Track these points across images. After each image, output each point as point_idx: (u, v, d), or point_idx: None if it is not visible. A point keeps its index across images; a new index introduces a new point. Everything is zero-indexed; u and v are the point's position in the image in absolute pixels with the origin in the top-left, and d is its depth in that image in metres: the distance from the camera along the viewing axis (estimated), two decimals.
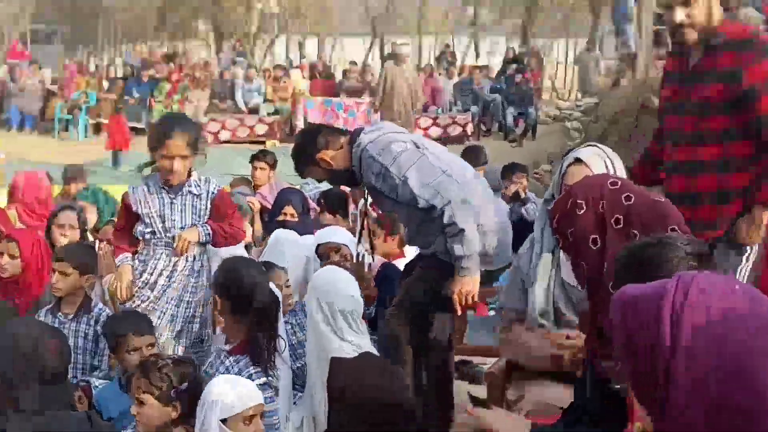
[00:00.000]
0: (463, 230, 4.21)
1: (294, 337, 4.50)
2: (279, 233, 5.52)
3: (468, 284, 4.31)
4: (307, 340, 4.02)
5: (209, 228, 4.52)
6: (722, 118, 4.01)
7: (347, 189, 7.03)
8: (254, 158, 8.33)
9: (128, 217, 4.61)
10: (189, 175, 4.54)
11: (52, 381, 3.55)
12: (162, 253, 4.53)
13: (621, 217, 2.63)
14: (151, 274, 4.51)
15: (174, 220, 4.52)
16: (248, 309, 3.79)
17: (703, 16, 4.02)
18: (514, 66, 21.81)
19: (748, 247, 4.02)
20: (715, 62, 4.01)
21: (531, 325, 3.60)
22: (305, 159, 4.68)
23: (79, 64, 24.27)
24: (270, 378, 3.73)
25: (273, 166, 8.32)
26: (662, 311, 1.72)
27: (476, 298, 4.39)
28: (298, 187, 8.11)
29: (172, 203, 4.54)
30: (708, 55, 4.04)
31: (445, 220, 4.23)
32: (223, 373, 3.63)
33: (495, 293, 5.48)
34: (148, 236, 4.55)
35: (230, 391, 3.28)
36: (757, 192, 3.98)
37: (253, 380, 3.59)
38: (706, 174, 4.04)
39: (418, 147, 4.41)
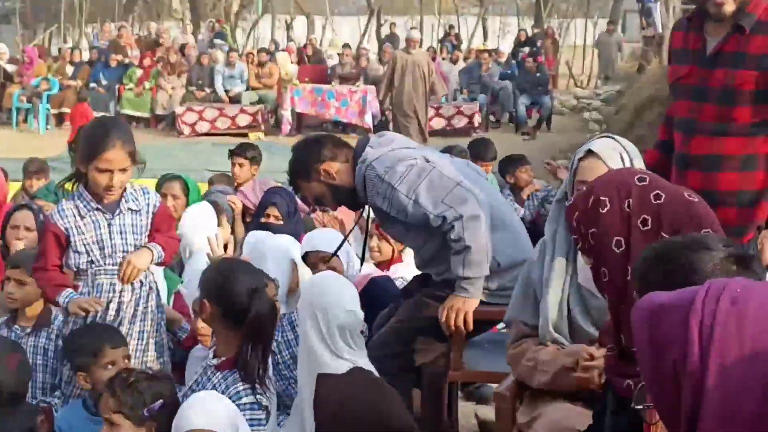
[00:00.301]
0: (469, 247, 4.25)
1: (279, 356, 4.50)
2: (256, 235, 5.49)
3: (459, 302, 4.37)
4: (299, 357, 3.98)
5: (159, 248, 4.34)
6: (750, 108, 3.97)
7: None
8: (233, 153, 8.31)
9: (57, 249, 4.31)
10: (123, 189, 4.33)
11: (10, 403, 3.55)
12: (104, 284, 4.31)
13: (649, 217, 2.63)
14: (96, 312, 4.27)
15: (115, 245, 4.30)
16: (244, 318, 3.68)
17: None
18: (526, 49, 21.83)
19: None
20: (745, 45, 3.96)
21: (543, 339, 3.58)
22: (305, 172, 4.65)
23: (40, 47, 24.24)
24: (260, 397, 3.65)
25: (255, 161, 8.31)
26: (691, 323, 1.70)
27: (469, 319, 4.41)
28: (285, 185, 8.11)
29: (110, 225, 4.30)
30: (735, 37, 3.99)
31: (453, 235, 4.26)
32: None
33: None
34: (84, 266, 4.31)
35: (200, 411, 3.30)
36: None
37: (240, 398, 3.57)
38: (727, 171, 3.97)
39: (428, 161, 4.42)
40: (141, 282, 4.35)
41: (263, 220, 6.68)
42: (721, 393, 1.65)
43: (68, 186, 4.41)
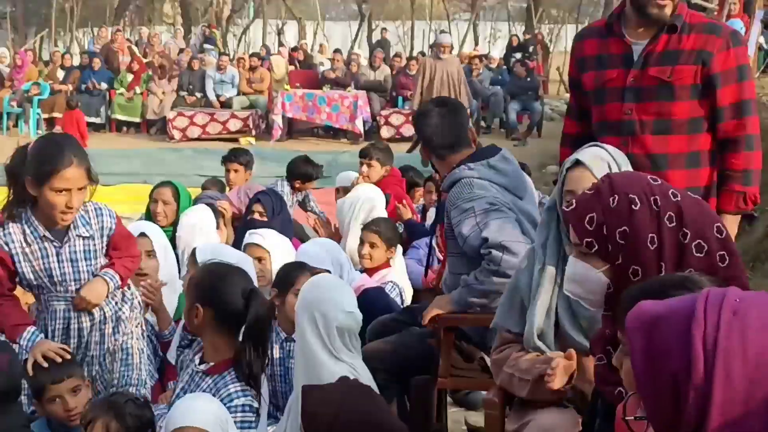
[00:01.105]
0: (496, 271, 4.30)
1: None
2: (208, 248, 5.32)
3: (443, 301, 4.52)
4: (296, 361, 3.97)
5: (116, 276, 4.16)
6: (689, 104, 4.12)
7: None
8: (227, 159, 8.32)
9: (6, 273, 4.10)
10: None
11: (3, 401, 3.54)
12: (58, 310, 4.17)
13: (673, 214, 2.65)
14: (53, 338, 4.13)
15: (65, 273, 4.11)
16: (237, 321, 3.62)
17: None
18: (518, 55, 21.84)
19: None
20: (679, 43, 4.13)
21: (527, 346, 3.58)
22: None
23: (32, 52, 24.19)
24: (252, 399, 3.60)
25: (249, 166, 8.32)
26: (694, 334, 1.66)
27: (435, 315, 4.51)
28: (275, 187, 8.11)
29: (58, 254, 4.08)
30: (665, 37, 4.14)
31: (490, 258, 4.33)
32: None
33: None
34: (36, 291, 4.17)
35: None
36: (717, 200, 4.15)
37: (232, 400, 3.55)
38: (674, 169, 4.09)
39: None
40: (102, 308, 4.22)
41: (249, 217, 6.74)
42: (727, 407, 1.63)
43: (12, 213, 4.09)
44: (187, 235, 5.84)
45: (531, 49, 24.16)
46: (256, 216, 6.77)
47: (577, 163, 3.57)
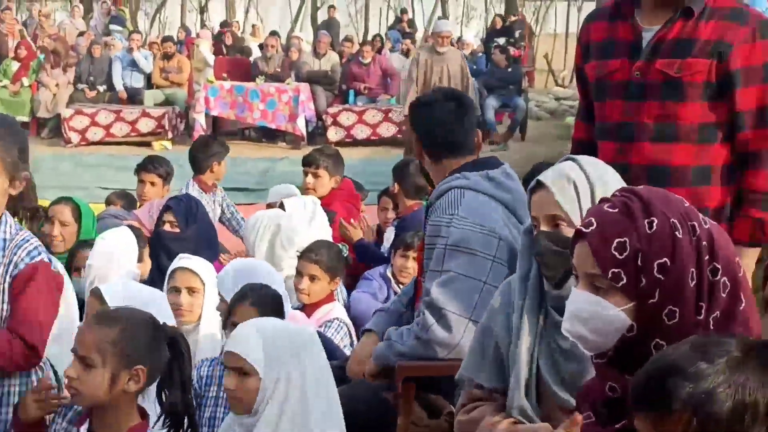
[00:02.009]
0: (420, 338, 4.37)
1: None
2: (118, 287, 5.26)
3: (363, 363, 4.62)
4: None
5: None
6: (700, 105, 4.11)
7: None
8: (142, 168, 8.26)
9: None
10: None
11: None
12: None
13: (707, 244, 2.66)
14: None
15: None
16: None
17: None
18: (502, 40, 21.87)
19: None
20: (694, 31, 4.11)
21: (510, 404, 3.50)
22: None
23: None
24: None
25: (168, 179, 8.27)
26: None
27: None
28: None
29: None
30: (680, 23, 4.14)
31: (421, 320, 4.37)
32: None
33: None
34: None
35: None
36: (734, 230, 4.07)
37: None
38: (676, 187, 3.82)
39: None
40: None
41: (157, 230, 6.71)
42: None
43: None
44: (100, 265, 5.70)
45: (517, 34, 24.27)
46: (167, 227, 6.73)
47: (539, 184, 3.46)
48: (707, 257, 2.64)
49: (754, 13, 4.27)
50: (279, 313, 4.75)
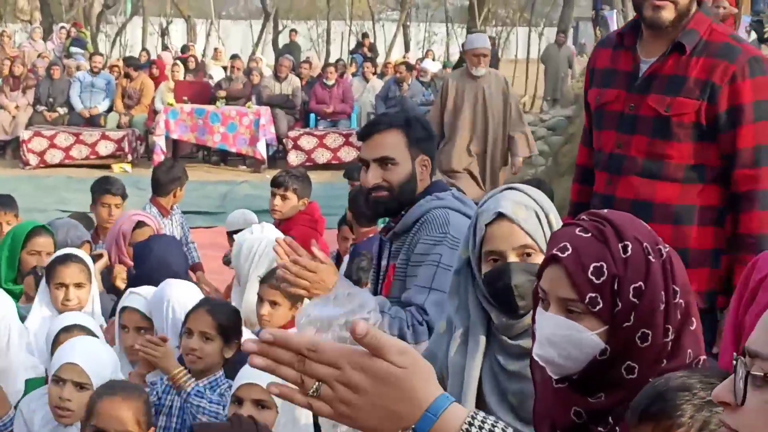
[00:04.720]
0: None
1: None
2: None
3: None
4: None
5: None
6: (688, 146, 4.08)
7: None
8: (103, 190, 8.20)
9: None
10: None
11: None
12: None
13: (669, 267, 2.65)
14: None
15: None
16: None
17: None
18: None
19: None
20: (685, 68, 4.07)
21: None
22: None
23: None
24: None
25: (125, 199, 8.28)
26: None
27: None
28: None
29: None
30: (673, 57, 4.11)
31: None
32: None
33: None
34: None
35: None
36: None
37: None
38: (658, 223, 3.85)
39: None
40: None
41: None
42: None
43: None
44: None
45: None
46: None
47: (500, 215, 3.37)
48: (668, 280, 2.64)
49: (745, 48, 4.19)
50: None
